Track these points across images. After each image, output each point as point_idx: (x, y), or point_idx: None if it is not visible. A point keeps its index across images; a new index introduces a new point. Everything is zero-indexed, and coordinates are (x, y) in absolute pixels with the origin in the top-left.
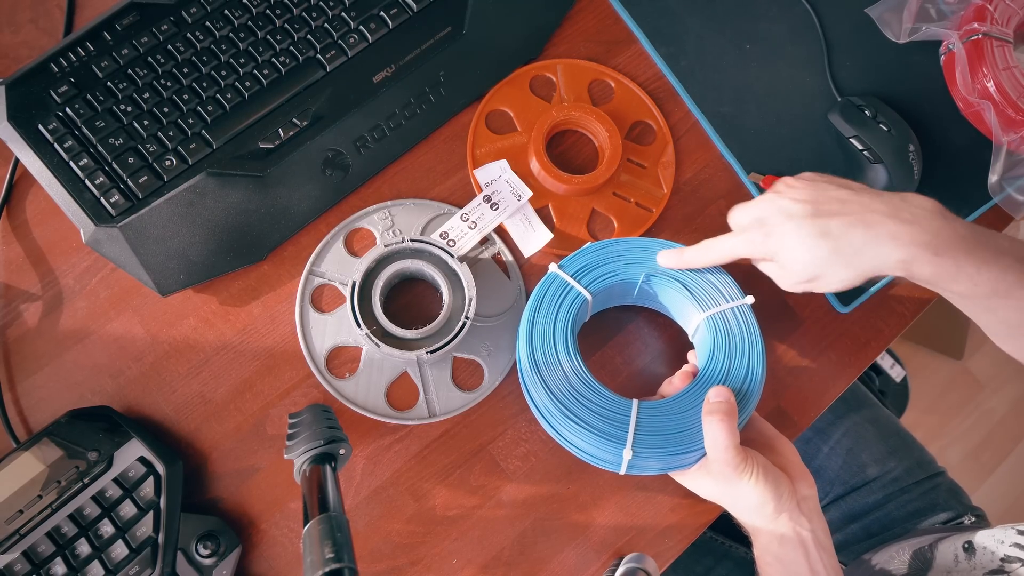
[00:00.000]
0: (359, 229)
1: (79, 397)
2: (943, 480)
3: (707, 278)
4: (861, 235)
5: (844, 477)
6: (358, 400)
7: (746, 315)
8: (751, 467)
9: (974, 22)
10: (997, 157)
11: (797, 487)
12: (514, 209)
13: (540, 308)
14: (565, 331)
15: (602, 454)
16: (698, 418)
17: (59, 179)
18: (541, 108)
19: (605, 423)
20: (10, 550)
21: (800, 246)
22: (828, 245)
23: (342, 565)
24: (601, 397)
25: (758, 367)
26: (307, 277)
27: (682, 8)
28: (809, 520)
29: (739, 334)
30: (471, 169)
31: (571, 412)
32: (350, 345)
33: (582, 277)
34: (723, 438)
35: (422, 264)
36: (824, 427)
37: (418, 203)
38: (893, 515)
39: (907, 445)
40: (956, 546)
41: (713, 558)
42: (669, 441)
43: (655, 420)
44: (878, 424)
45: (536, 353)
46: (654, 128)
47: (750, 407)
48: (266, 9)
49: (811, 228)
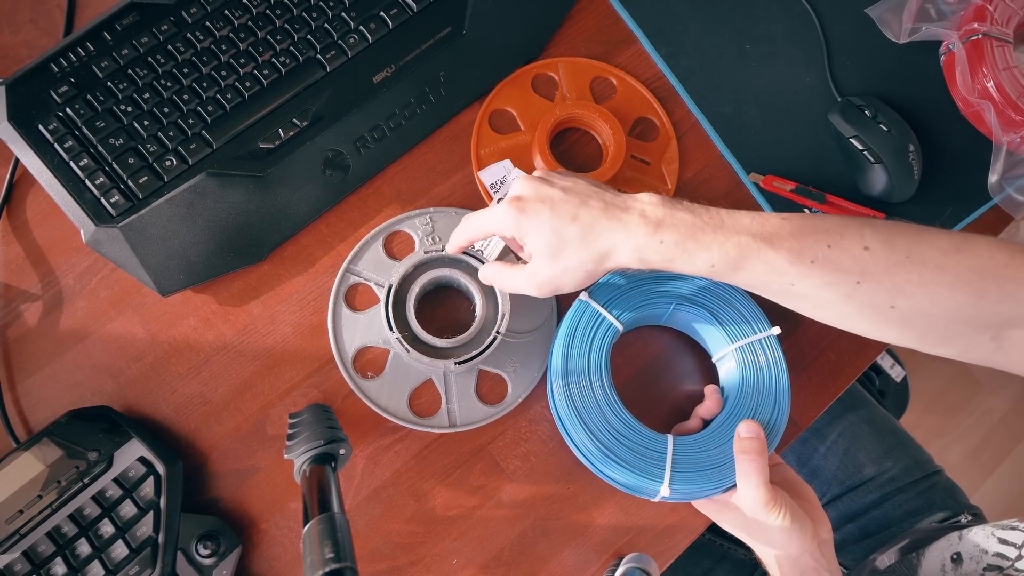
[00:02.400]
0: (399, 232)
1: (79, 397)
2: (940, 479)
3: (735, 306)
4: (604, 224)
5: (841, 477)
6: (380, 402)
7: (773, 347)
8: (780, 506)
9: (974, 22)
10: (997, 157)
11: (818, 530)
12: None
13: (574, 341)
14: (599, 366)
15: (638, 485)
16: (730, 453)
17: (59, 179)
18: (544, 107)
19: (641, 460)
20: (10, 550)
21: (549, 226)
22: (575, 229)
23: (342, 565)
24: (637, 434)
25: (784, 400)
26: (343, 274)
27: (682, 8)
28: (828, 561)
29: (766, 367)
30: (476, 171)
31: (609, 450)
32: (378, 346)
33: (612, 306)
34: (755, 476)
35: (459, 274)
36: (821, 427)
37: (460, 212)
38: (890, 515)
39: (904, 444)
40: (944, 557)
41: (712, 560)
42: (704, 477)
43: (690, 457)
44: (875, 424)
45: (572, 390)
46: (657, 124)
47: (776, 438)
48: (266, 9)
49: (563, 211)
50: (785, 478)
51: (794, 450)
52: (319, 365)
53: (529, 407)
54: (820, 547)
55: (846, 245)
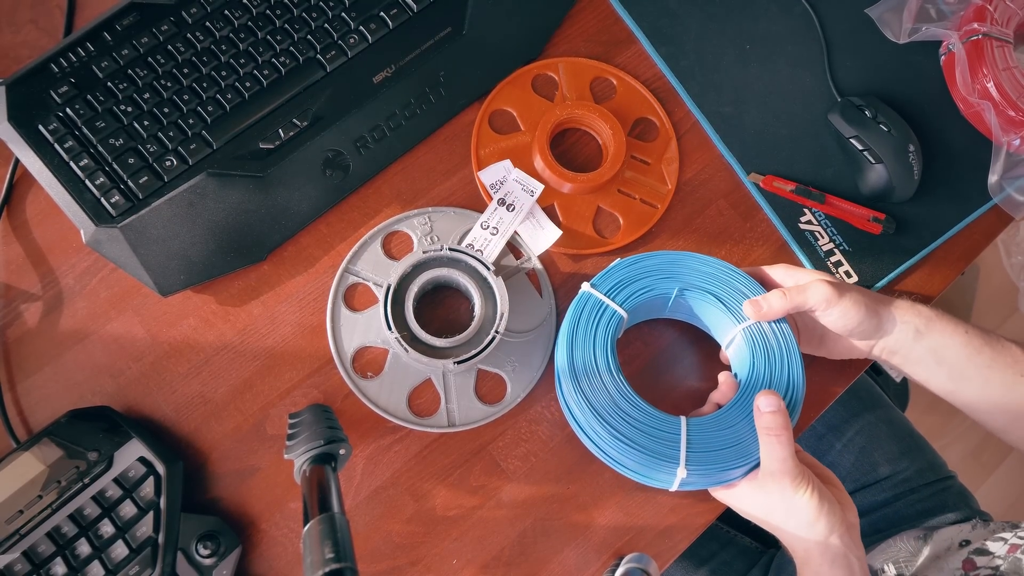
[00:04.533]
0: (398, 232)
1: (79, 397)
2: (953, 483)
3: (739, 289)
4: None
5: (855, 475)
6: (380, 402)
7: (780, 324)
8: (808, 482)
9: (974, 22)
10: (997, 157)
11: (846, 514)
12: (530, 205)
13: (577, 329)
14: (606, 351)
15: (653, 473)
16: (747, 430)
17: (59, 179)
18: (544, 107)
19: (656, 443)
20: (10, 550)
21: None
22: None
23: (342, 565)
24: (649, 416)
25: (798, 376)
26: (342, 274)
27: (682, 8)
28: (857, 547)
29: (776, 343)
30: (476, 171)
31: (620, 433)
32: (377, 346)
33: (616, 295)
34: (781, 449)
35: (457, 274)
36: (838, 424)
37: (459, 212)
38: (901, 512)
39: (920, 447)
40: (954, 541)
41: (718, 543)
42: (721, 456)
43: (705, 436)
44: (892, 424)
45: (579, 375)
46: (657, 124)
47: (796, 415)
48: (266, 9)
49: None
50: (806, 462)
51: (810, 446)
52: (319, 365)
53: (529, 407)
54: (849, 531)
55: None
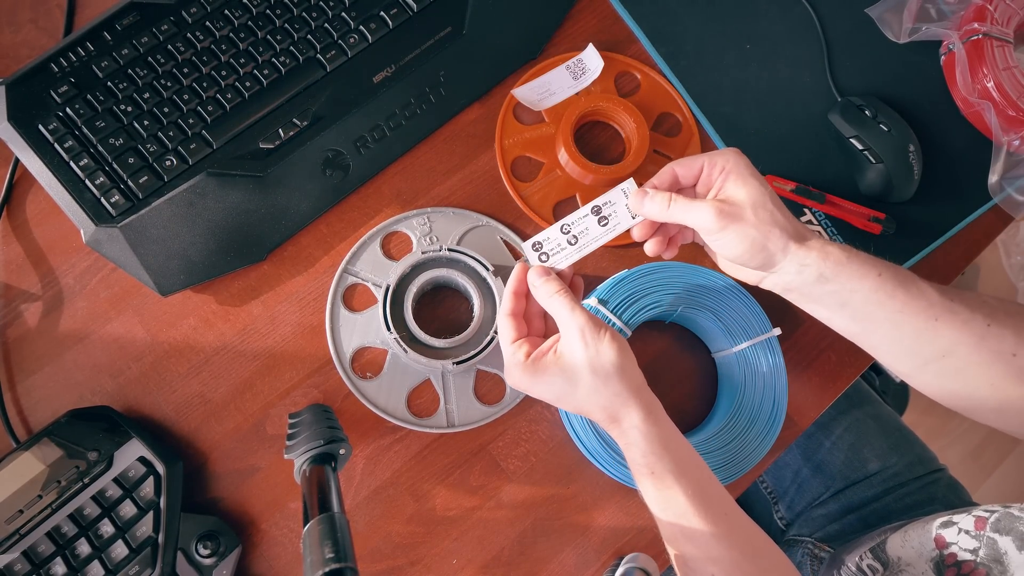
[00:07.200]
0: (397, 232)
1: (79, 397)
2: (943, 476)
3: (739, 308)
4: None
5: (845, 471)
6: (379, 402)
7: (773, 347)
8: (606, 329)
9: (974, 22)
10: (997, 157)
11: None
12: (624, 230)
13: None
14: None
15: None
16: (734, 452)
17: (59, 179)
18: (569, 98)
19: None
20: (10, 550)
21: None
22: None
23: (342, 565)
24: None
25: (782, 397)
26: (341, 275)
27: (682, 8)
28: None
29: (766, 366)
30: (498, 149)
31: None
32: (376, 347)
33: (623, 311)
34: (570, 301)
35: (456, 275)
36: (827, 422)
37: (457, 212)
38: (891, 507)
39: (909, 441)
40: None
41: None
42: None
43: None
44: (880, 420)
45: None
46: (680, 120)
47: (773, 436)
48: (266, 9)
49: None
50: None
51: (800, 444)
52: (319, 365)
53: (528, 407)
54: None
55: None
